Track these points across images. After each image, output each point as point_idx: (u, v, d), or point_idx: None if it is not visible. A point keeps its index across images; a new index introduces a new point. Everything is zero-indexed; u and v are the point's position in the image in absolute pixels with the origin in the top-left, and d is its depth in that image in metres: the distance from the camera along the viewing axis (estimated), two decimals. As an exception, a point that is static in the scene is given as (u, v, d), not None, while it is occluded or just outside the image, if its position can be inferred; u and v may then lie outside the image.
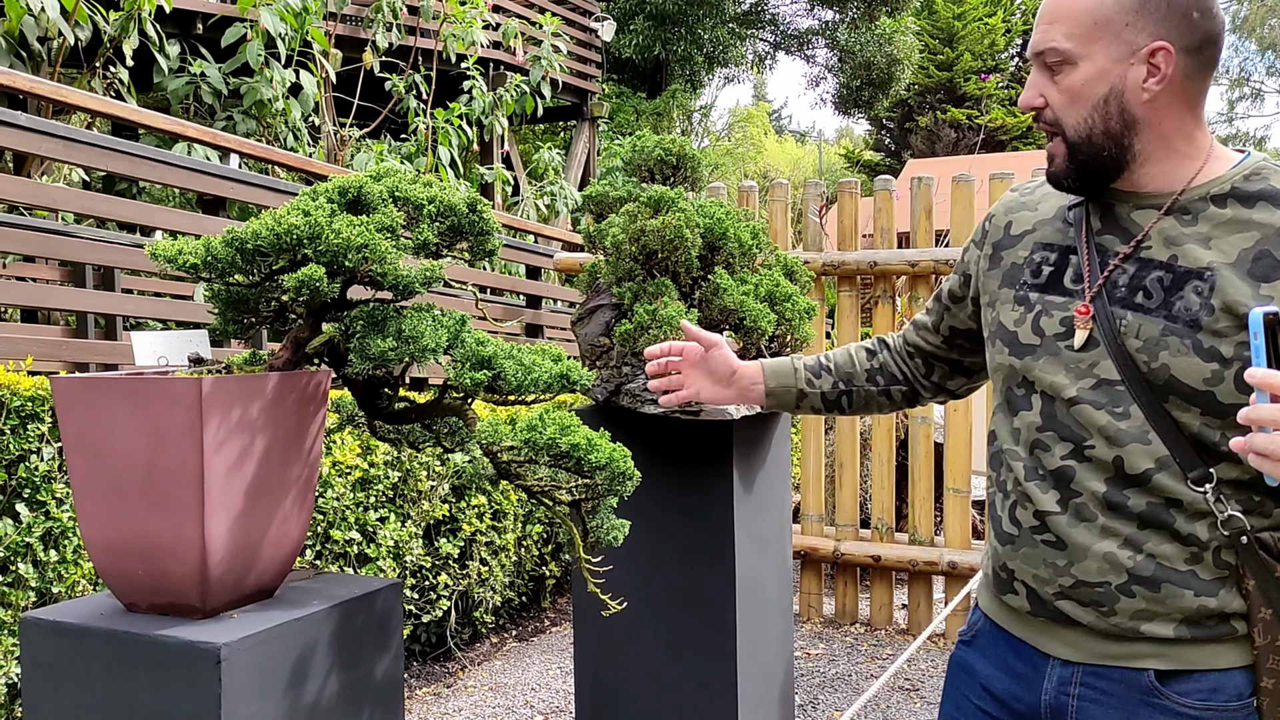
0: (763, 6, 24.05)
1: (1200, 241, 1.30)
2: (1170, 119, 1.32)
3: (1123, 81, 1.30)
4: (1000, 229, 1.54)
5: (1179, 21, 1.28)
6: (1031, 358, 1.41)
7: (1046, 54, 1.34)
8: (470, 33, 9.56)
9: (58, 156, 4.03)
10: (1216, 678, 1.32)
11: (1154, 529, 1.32)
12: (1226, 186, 1.31)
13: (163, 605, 1.63)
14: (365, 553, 3.74)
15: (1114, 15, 1.29)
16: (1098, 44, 1.30)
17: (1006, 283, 1.48)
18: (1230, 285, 1.26)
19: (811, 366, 1.80)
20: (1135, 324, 1.31)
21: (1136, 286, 1.33)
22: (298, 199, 1.75)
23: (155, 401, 1.56)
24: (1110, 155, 1.34)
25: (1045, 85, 1.36)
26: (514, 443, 1.81)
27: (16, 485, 2.68)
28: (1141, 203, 1.36)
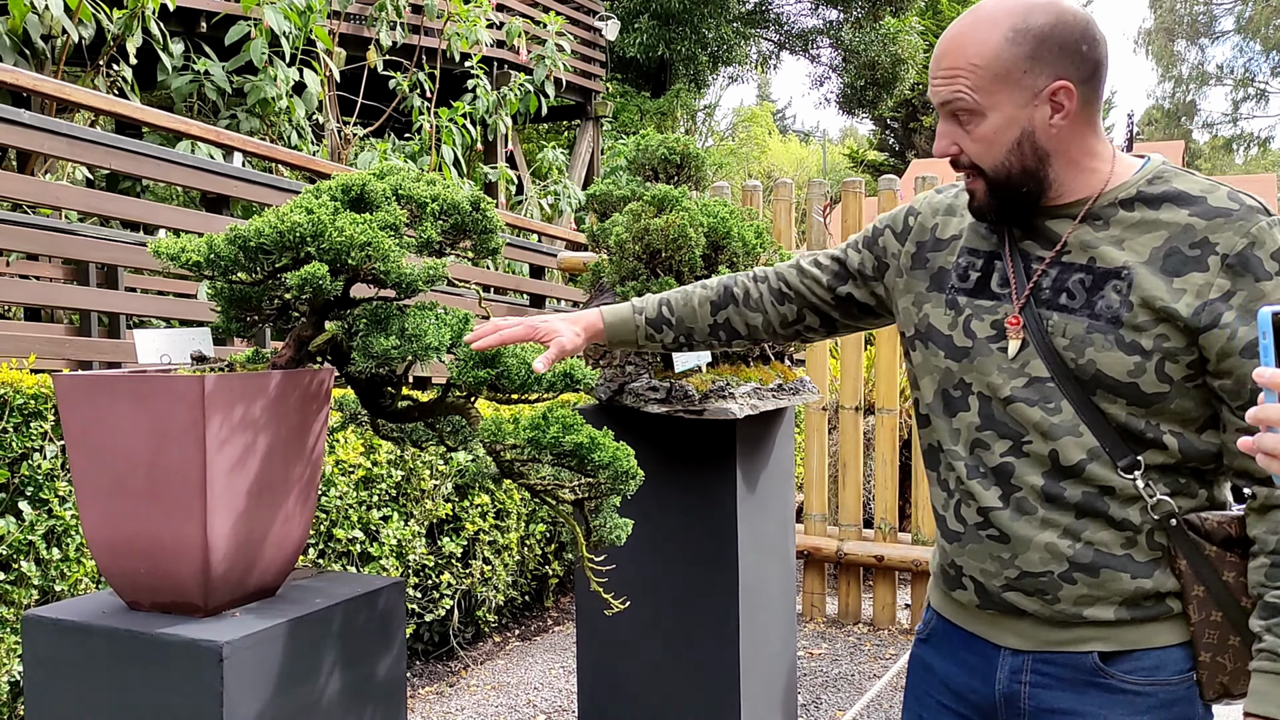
0: (767, 6, 24.03)
1: (1114, 243, 1.39)
2: (1076, 143, 1.41)
3: (1031, 123, 1.38)
4: (926, 229, 1.60)
5: (1072, 58, 1.36)
6: (967, 360, 1.48)
7: (954, 108, 1.40)
8: (474, 31, 9.55)
9: (62, 155, 4.03)
10: (1158, 655, 1.40)
11: (1090, 517, 1.40)
12: (1133, 191, 1.40)
13: (165, 604, 1.63)
14: (368, 551, 3.74)
15: (1011, 66, 1.36)
16: (1001, 94, 1.37)
17: (935, 286, 1.55)
18: (1146, 282, 1.35)
19: (653, 320, 1.83)
20: (1061, 324, 1.39)
21: (1060, 288, 1.41)
22: (301, 196, 1.75)
23: (158, 399, 1.56)
24: (1028, 189, 1.42)
25: (958, 134, 1.42)
26: (517, 441, 1.81)
27: (19, 483, 2.68)
28: (1056, 214, 1.44)
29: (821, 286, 1.74)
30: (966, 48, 1.38)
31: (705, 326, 1.82)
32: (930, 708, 1.59)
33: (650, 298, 1.85)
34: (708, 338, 1.83)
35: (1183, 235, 1.34)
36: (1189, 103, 46.38)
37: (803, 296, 1.76)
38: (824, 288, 1.74)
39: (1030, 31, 1.35)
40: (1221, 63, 53.20)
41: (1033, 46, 1.35)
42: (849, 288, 1.71)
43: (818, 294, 1.74)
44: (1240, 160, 45.96)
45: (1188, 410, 1.37)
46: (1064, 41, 1.36)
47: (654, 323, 1.83)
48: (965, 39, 1.38)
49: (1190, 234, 1.34)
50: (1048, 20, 1.35)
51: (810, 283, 1.75)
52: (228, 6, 7.83)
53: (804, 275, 1.76)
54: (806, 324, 1.78)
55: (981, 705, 1.51)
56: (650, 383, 2.84)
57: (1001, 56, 1.35)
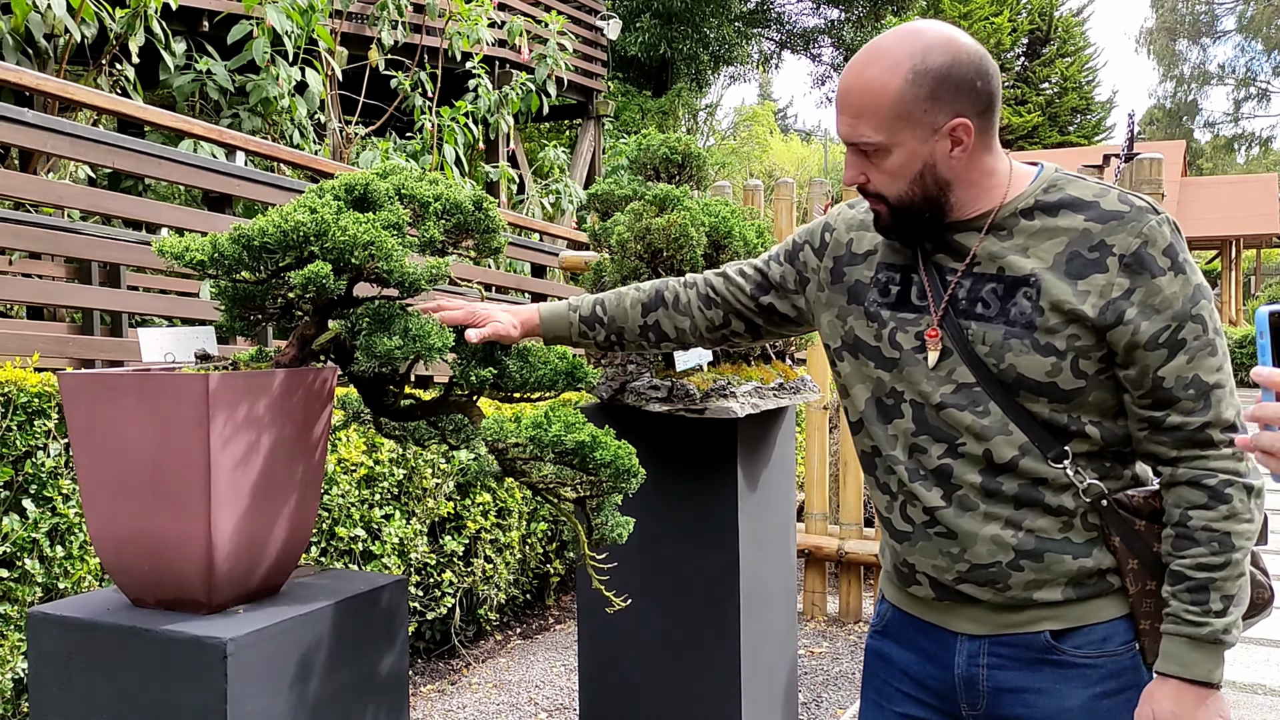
0: (768, 5, 24.03)
1: (1019, 251, 1.47)
2: (975, 168, 1.48)
3: (932, 156, 1.46)
4: (842, 245, 1.67)
5: (969, 95, 1.43)
6: (897, 370, 1.56)
7: (859, 144, 1.48)
8: (475, 31, 9.55)
9: (64, 153, 4.04)
10: (1104, 629, 1.50)
11: (1028, 507, 1.49)
12: (1031, 201, 1.48)
13: (169, 600, 1.64)
14: (370, 550, 3.75)
15: (911, 107, 1.43)
16: (904, 132, 1.44)
17: (853, 299, 1.63)
18: (1053, 286, 1.43)
19: (587, 319, 1.91)
20: (980, 332, 1.48)
21: (975, 298, 1.49)
22: (304, 196, 1.76)
23: (162, 398, 1.57)
24: (930, 215, 1.50)
25: (865, 166, 1.50)
26: (519, 440, 1.82)
27: (23, 481, 2.68)
28: (961, 228, 1.52)
29: (745, 294, 1.82)
30: (869, 89, 1.44)
31: (635, 327, 1.90)
32: (890, 696, 1.66)
33: (587, 297, 1.94)
34: (637, 338, 1.91)
35: (1081, 239, 1.43)
36: (1190, 102, 46.36)
37: (728, 303, 1.84)
38: (747, 295, 1.82)
39: (929, 73, 1.41)
40: (1223, 62, 53.15)
41: (931, 87, 1.42)
42: (770, 298, 1.80)
43: (741, 301, 1.82)
44: (1242, 159, 45.93)
45: (1104, 401, 1.47)
46: (960, 80, 1.42)
47: (587, 321, 1.91)
48: (867, 81, 1.44)
49: (1088, 238, 1.43)
50: (944, 60, 1.42)
51: (735, 290, 1.83)
52: (230, 6, 7.84)
53: (729, 283, 1.84)
54: (732, 329, 1.86)
55: (941, 690, 1.59)
56: (651, 381, 2.85)
57: (903, 99, 1.42)
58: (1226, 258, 22.47)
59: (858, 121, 1.46)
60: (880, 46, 1.46)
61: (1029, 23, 33.88)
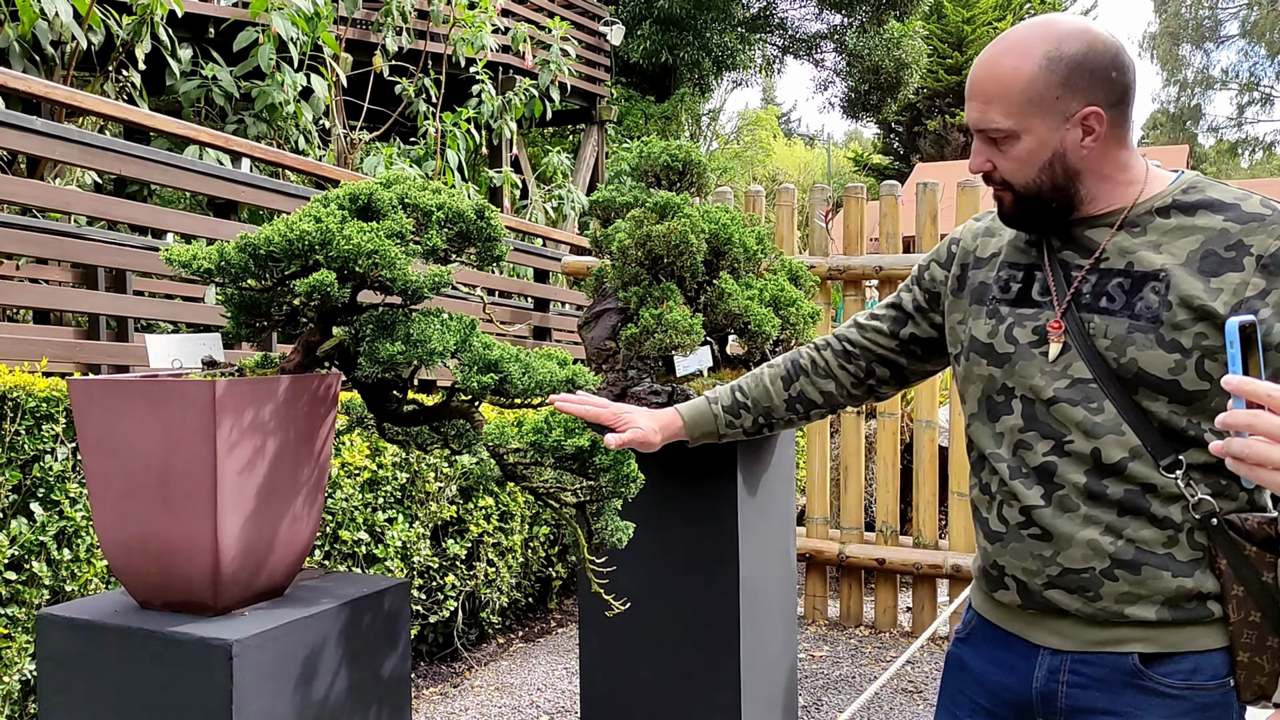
0: (771, 11, 24.07)
1: (1151, 248, 1.43)
2: (1109, 162, 1.46)
3: (1063, 145, 1.44)
4: (969, 253, 1.66)
5: (1102, 84, 1.42)
6: (1009, 364, 1.52)
7: (989, 131, 1.46)
8: (479, 37, 9.59)
9: (71, 160, 4.08)
10: (1196, 659, 1.42)
11: (1132, 514, 1.43)
12: (1168, 200, 1.45)
13: (176, 603, 1.66)
14: (373, 553, 3.77)
15: (1045, 92, 1.41)
16: (1035, 118, 1.43)
17: (976, 299, 1.60)
18: (1184, 282, 1.39)
19: (730, 408, 1.86)
20: (1103, 325, 1.44)
21: (1100, 293, 1.45)
22: (309, 205, 1.79)
23: (170, 403, 1.60)
24: (1058, 205, 1.48)
25: (992, 153, 1.48)
26: (520, 445, 1.84)
27: (31, 485, 2.72)
28: (1093, 223, 1.49)
29: (884, 335, 1.79)
30: (1001, 74, 1.43)
31: (781, 403, 1.85)
32: (964, 705, 1.62)
33: (721, 388, 1.90)
34: (785, 414, 1.86)
35: (1218, 239, 1.40)
36: (1194, 107, 46.34)
37: (868, 351, 1.80)
38: (887, 335, 1.78)
39: (1063, 59, 1.40)
40: (1226, 67, 53.13)
41: (1065, 74, 1.40)
42: (910, 328, 1.76)
43: (882, 344, 1.79)
44: (1245, 164, 45.90)
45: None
46: (1095, 69, 1.41)
47: (730, 410, 1.87)
48: (1000, 65, 1.43)
49: (1225, 237, 1.40)
50: (1079, 49, 1.41)
51: (873, 335, 1.80)
52: (236, 13, 7.88)
53: (864, 331, 1.81)
54: (877, 377, 1.81)
55: (1016, 704, 1.54)
56: (652, 387, 2.88)
57: (1035, 83, 1.41)
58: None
59: (987, 107, 1.44)
60: (1014, 34, 1.45)
61: (1032, 28, 33.89)
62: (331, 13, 7.79)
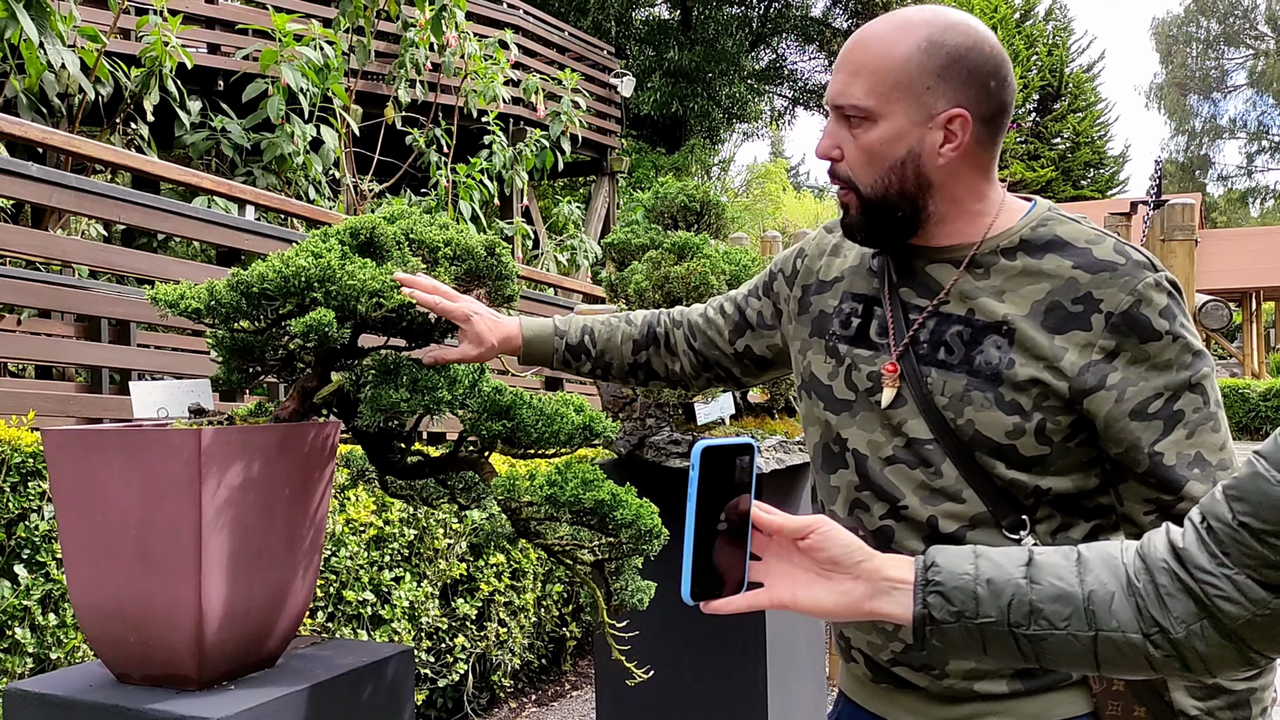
0: (780, 63, 24.25)
1: (994, 294, 1.30)
2: (964, 182, 1.32)
3: (920, 145, 1.29)
4: (812, 272, 1.51)
5: (977, 90, 1.28)
6: (848, 414, 1.39)
7: (846, 107, 1.31)
8: (491, 88, 9.59)
9: (70, 208, 3.99)
10: None
11: None
12: (1016, 239, 1.31)
13: (156, 676, 1.52)
14: (379, 614, 3.61)
15: (916, 78, 1.27)
16: (898, 104, 1.28)
17: (816, 331, 1.47)
18: (1027, 338, 1.26)
19: (574, 348, 1.72)
20: (940, 381, 1.30)
21: (938, 342, 1.32)
22: (307, 240, 1.66)
23: (151, 455, 1.46)
24: (904, 215, 1.33)
25: (843, 137, 1.33)
26: (534, 498, 1.70)
27: (15, 545, 2.57)
28: (936, 257, 1.35)
29: (722, 339, 1.66)
30: (874, 46, 1.29)
31: (625, 364, 1.74)
32: None
33: (575, 320, 1.75)
34: (625, 375, 1.75)
35: (1065, 289, 1.26)
36: (1203, 156, 46.51)
37: (708, 346, 1.68)
38: (725, 340, 1.66)
39: (944, 47, 1.27)
40: (1234, 116, 53.35)
41: (942, 64, 1.27)
42: (746, 340, 1.63)
43: (718, 346, 1.66)
44: (1256, 213, 45.94)
45: (1069, 468, 1.29)
46: (974, 69, 1.27)
47: (574, 350, 1.73)
48: (876, 39, 1.29)
49: (1073, 288, 1.26)
50: (964, 42, 1.27)
51: (714, 334, 1.67)
52: (246, 65, 7.87)
53: (710, 325, 1.68)
54: (713, 373, 1.70)
55: None
56: (672, 436, 2.74)
57: (908, 64, 1.27)
58: (1247, 310, 22.33)
59: (851, 80, 1.29)
60: (900, 12, 1.31)
61: (1040, 79, 34.11)
62: (342, 64, 7.77)
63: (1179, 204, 3.81)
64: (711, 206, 3.18)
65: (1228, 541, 0.94)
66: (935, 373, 1.30)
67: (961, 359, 1.29)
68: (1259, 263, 22.26)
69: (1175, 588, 0.97)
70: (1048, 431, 1.25)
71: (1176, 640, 0.97)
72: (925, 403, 1.31)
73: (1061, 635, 1.00)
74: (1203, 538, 0.97)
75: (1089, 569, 1.01)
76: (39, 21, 5.10)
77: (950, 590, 1.03)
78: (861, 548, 1.07)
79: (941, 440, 1.30)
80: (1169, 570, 0.98)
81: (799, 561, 1.08)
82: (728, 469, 1.05)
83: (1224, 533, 0.94)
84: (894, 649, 1.35)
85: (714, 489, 1.05)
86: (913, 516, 1.31)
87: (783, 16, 23.13)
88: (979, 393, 1.27)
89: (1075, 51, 36.55)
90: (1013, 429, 1.26)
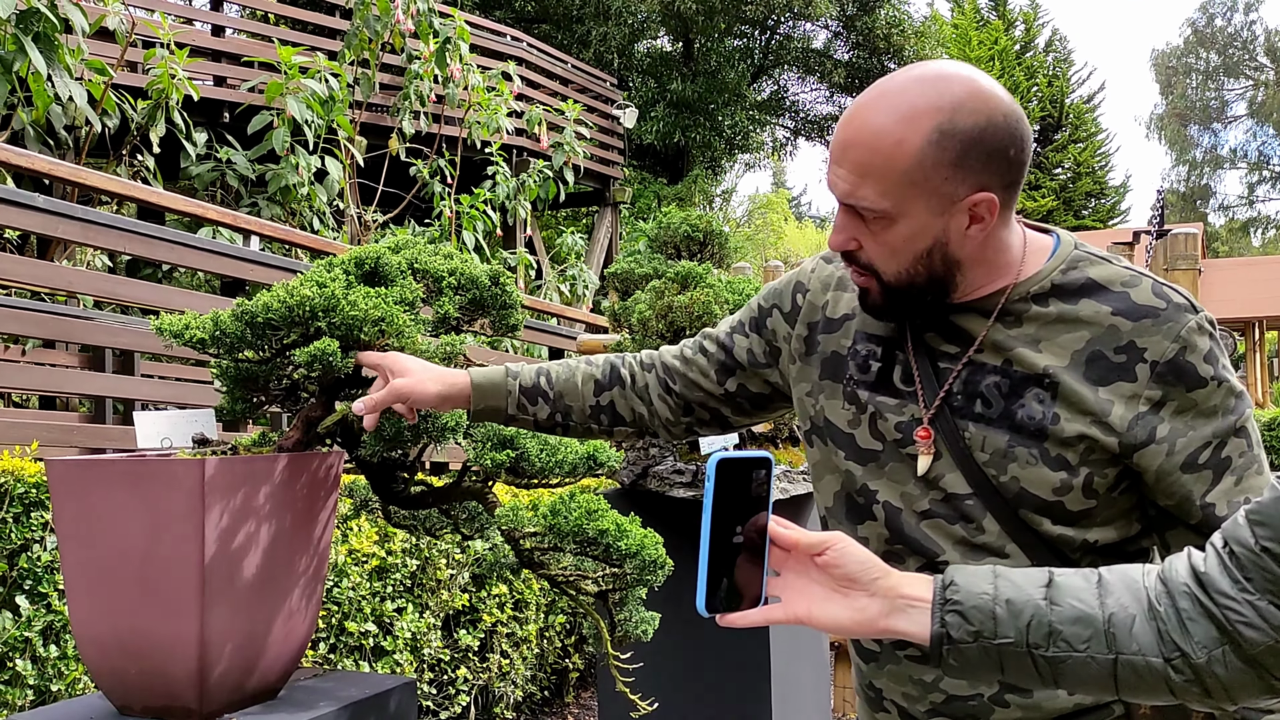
0: (782, 94, 24.38)
1: (1030, 344, 1.23)
2: (991, 245, 1.24)
3: (945, 233, 1.20)
4: (817, 308, 1.41)
5: (999, 165, 1.18)
6: (875, 465, 1.30)
7: (858, 208, 1.21)
8: (495, 119, 9.65)
9: (75, 239, 4.00)
10: None
11: None
12: (1047, 284, 1.24)
13: (157, 708, 1.51)
14: (381, 645, 3.59)
15: (931, 173, 1.16)
16: (915, 201, 1.18)
17: (829, 374, 1.37)
18: (1071, 392, 1.20)
19: (529, 390, 1.56)
20: (979, 436, 1.23)
21: (973, 394, 1.24)
22: (312, 270, 1.67)
23: (154, 485, 1.46)
24: (932, 296, 1.25)
25: (859, 231, 1.23)
26: (537, 528, 1.70)
27: (17, 576, 2.56)
28: (962, 309, 1.27)
29: (709, 380, 1.52)
30: (879, 146, 1.17)
31: (586, 407, 1.57)
32: None
33: (527, 365, 1.60)
34: (587, 420, 1.58)
35: (1107, 338, 1.20)
36: (1204, 186, 46.61)
37: (690, 389, 1.54)
38: (712, 381, 1.52)
39: (957, 135, 1.15)
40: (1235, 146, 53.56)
41: (958, 154, 1.16)
42: (738, 379, 1.51)
43: (704, 388, 1.53)
44: (1257, 242, 45.99)
45: (1114, 518, 1.24)
46: (994, 148, 1.17)
47: (529, 393, 1.56)
48: (879, 136, 1.17)
49: (1115, 336, 1.20)
50: (976, 123, 1.16)
51: (697, 375, 1.53)
52: (251, 97, 7.92)
53: (690, 366, 1.54)
54: (696, 417, 1.56)
55: None
56: (675, 466, 2.73)
57: (921, 162, 1.16)
58: (1250, 340, 22.30)
59: (861, 182, 1.18)
60: (896, 91, 1.18)
61: (1040, 109, 34.24)
62: (347, 96, 7.82)
63: (1182, 233, 3.82)
64: (715, 236, 3.18)
65: (1250, 566, 0.93)
66: (973, 427, 1.24)
67: (1001, 413, 1.22)
68: (1262, 292, 22.24)
69: (1197, 612, 0.96)
70: (1094, 485, 1.21)
71: (1197, 665, 0.96)
72: (963, 458, 1.24)
73: (1081, 657, 0.99)
74: (1225, 562, 0.96)
75: (1110, 591, 1.00)
76: (47, 54, 5.14)
77: (969, 610, 1.01)
78: (878, 564, 1.05)
79: (982, 495, 1.23)
80: (1190, 594, 0.97)
81: (816, 577, 1.07)
82: (743, 482, 1.04)
83: (1246, 558, 0.93)
84: (934, 700, 1.28)
85: (729, 502, 1.04)
86: None
87: (784, 48, 23.28)
88: (1023, 449, 1.21)
89: (1075, 82, 36.72)
90: (1060, 485, 1.20)
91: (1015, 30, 35.28)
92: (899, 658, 1.29)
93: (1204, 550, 0.99)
